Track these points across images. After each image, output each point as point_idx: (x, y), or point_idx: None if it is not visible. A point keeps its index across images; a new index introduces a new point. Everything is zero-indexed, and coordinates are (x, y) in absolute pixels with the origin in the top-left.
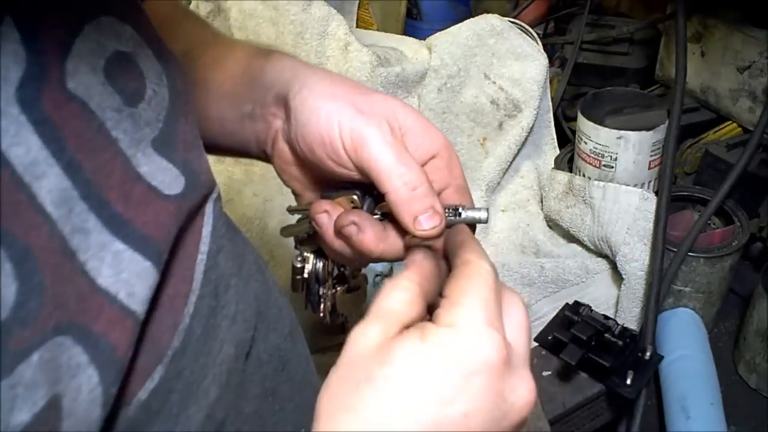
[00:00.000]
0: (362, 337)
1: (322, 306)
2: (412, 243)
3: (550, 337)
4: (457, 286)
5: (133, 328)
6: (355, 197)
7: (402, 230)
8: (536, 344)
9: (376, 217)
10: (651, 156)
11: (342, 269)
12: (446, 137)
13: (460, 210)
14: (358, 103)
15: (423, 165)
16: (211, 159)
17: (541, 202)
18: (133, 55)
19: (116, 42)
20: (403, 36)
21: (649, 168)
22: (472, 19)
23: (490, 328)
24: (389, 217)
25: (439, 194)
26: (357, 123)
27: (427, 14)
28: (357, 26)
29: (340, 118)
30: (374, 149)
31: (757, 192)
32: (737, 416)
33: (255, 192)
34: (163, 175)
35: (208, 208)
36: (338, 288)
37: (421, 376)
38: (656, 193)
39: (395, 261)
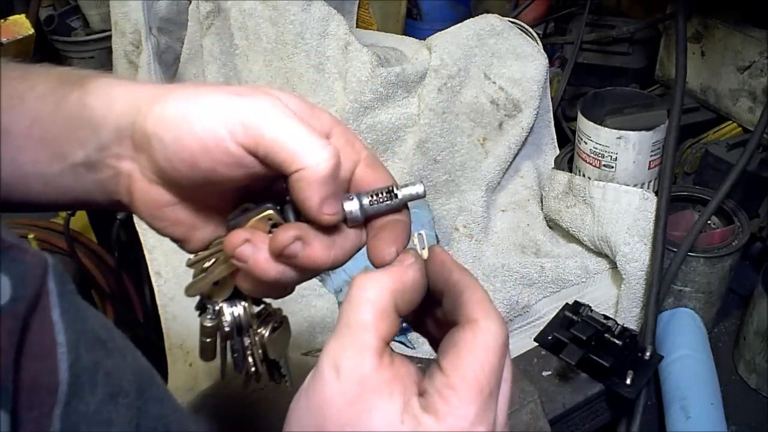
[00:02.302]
0: (332, 372)
1: (250, 359)
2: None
3: (550, 337)
4: (457, 359)
5: None
6: (270, 212)
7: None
8: (536, 344)
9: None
10: (651, 156)
11: (264, 306)
12: (329, 113)
13: (395, 190)
14: (231, 89)
15: None
16: None
17: (541, 202)
18: None
19: None
20: (403, 36)
21: (649, 168)
22: (472, 19)
23: (482, 423)
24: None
25: (351, 175)
26: (244, 107)
27: (427, 14)
28: (357, 26)
29: (221, 112)
30: (277, 126)
31: (757, 192)
32: (737, 416)
33: None
34: None
35: (50, 287)
36: (262, 331)
37: None
38: (656, 193)
39: (342, 265)
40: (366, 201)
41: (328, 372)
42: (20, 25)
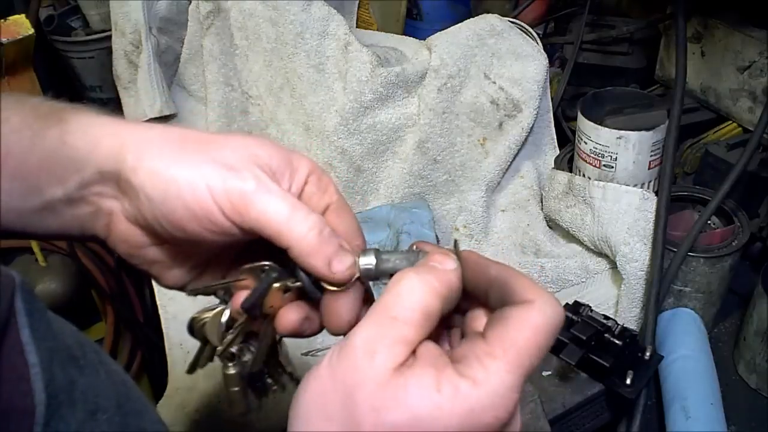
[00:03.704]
0: (366, 357)
1: (275, 387)
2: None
3: None
4: (504, 332)
5: None
6: (280, 283)
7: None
8: None
9: (297, 284)
10: (651, 156)
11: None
12: (308, 158)
13: (416, 249)
14: (219, 157)
15: (299, 197)
16: None
17: (541, 202)
18: None
19: None
20: (403, 36)
21: (649, 168)
22: (472, 19)
23: (515, 393)
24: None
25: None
26: (230, 182)
27: (427, 14)
28: (357, 26)
29: (209, 183)
30: (262, 204)
31: (757, 192)
32: (737, 416)
33: None
34: None
35: (18, 306)
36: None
37: (431, 427)
38: (656, 193)
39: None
40: (384, 258)
41: (362, 356)
42: (20, 25)
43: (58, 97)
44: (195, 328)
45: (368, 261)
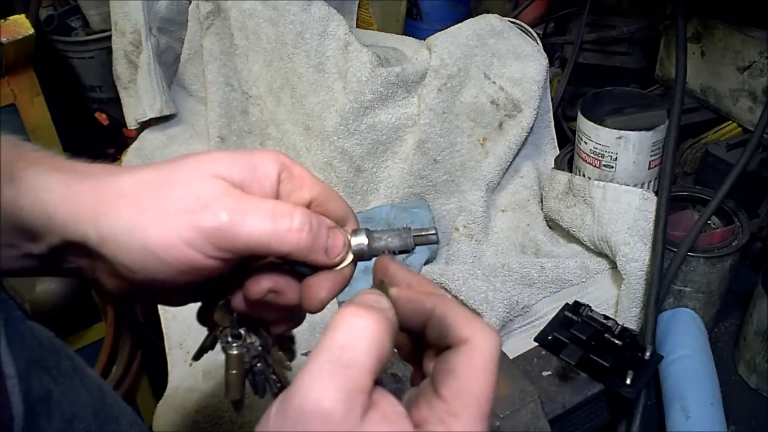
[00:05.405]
0: (318, 408)
1: (273, 377)
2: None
3: (550, 337)
4: (456, 386)
5: None
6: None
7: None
8: (536, 344)
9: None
10: (651, 156)
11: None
12: (273, 153)
13: (410, 233)
14: (179, 201)
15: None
16: None
17: (541, 202)
18: None
19: None
20: (403, 36)
21: (649, 168)
22: (472, 19)
23: None
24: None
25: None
26: (204, 224)
27: (427, 14)
28: (357, 26)
29: (183, 237)
30: (244, 231)
31: (757, 192)
32: (737, 416)
33: None
34: None
35: None
36: (282, 354)
37: None
38: (656, 193)
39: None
40: (377, 236)
41: (315, 419)
42: (20, 25)
43: (59, 96)
44: (204, 314)
45: (360, 240)
